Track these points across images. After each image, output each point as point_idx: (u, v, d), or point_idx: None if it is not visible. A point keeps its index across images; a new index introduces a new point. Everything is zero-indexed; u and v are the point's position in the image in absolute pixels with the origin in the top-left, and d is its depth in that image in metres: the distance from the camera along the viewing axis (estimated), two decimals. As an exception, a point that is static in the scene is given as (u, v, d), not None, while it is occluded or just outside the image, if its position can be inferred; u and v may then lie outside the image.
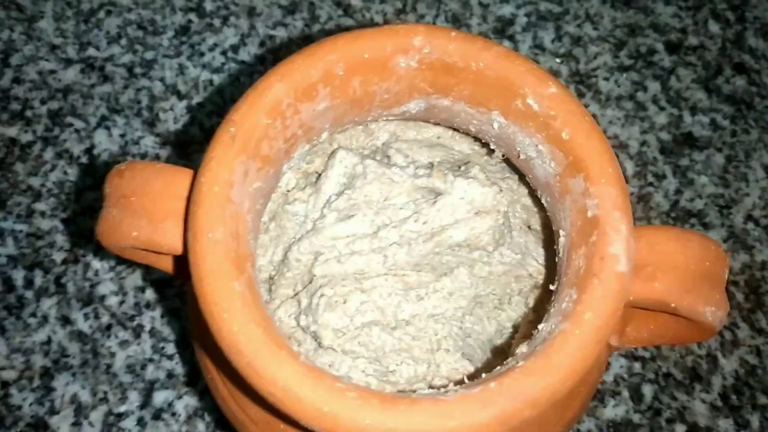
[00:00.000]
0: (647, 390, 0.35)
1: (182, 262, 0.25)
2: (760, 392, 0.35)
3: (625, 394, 0.35)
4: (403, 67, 0.23)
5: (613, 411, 0.35)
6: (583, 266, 0.20)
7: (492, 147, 0.26)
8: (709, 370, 0.36)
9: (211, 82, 0.41)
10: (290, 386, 0.18)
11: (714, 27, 0.44)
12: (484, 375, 0.20)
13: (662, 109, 0.42)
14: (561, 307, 0.20)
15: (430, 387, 0.23)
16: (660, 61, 0.43)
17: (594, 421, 0.35)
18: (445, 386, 0.20)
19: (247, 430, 0.24)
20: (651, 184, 0.40)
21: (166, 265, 0.25)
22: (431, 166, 0.28)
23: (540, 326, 0.21)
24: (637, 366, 0.36)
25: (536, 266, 0.28)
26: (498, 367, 0.20)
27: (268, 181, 0.23)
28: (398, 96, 0.24)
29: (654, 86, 0.42)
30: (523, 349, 0.20)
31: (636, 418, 0.35)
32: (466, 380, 0.20)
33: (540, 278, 0.27)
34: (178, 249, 0.21)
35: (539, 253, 0.28)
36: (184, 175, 0.21)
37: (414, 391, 0.20)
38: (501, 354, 0.27)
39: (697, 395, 0.35)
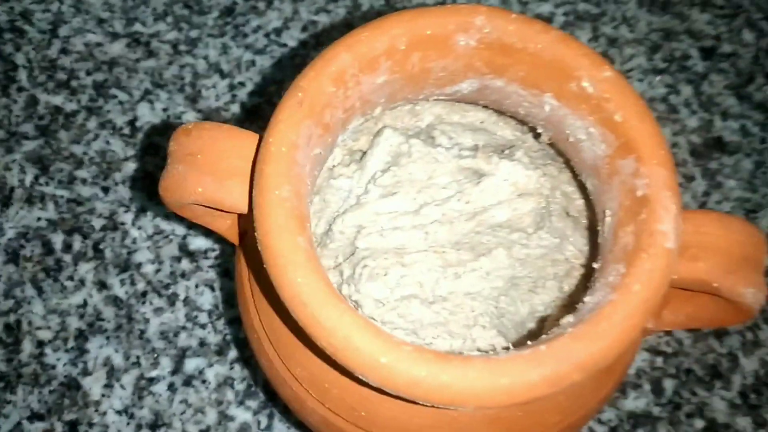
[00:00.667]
0: (668, 384, 0.36)
1: (242, 221, 0.26)
2: (780, 393, 0.36)
3: (647, 387, 0.36)
4: (462, 45, 0.23)
5: (634, 403, 0.36)
6: (631, 243, 0.21)
7: (539, 131, 0.27)
8: (729, 368, 0.36)
9: (253, 62, 0.42)
10: (350, 336, 0.18)
11: (748, 36, 0.45)
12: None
13: (694, 112, 0.42)
14: (608, 280, 0.21)
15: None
16: (693, 66, 0.44)
17: (615, 412, 0.35)
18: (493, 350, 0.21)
19: (289, 389, 0.24)
20: (680, 185, 0.40)
21: (221, 225, 0.26)
22: (475, 148, 0.29)
23: (585, 299, 0.21)
24: (659, 360, 0.36)
25: (573, 251, 0.28)
26: (544, 335, 0.21)
27: (326, 150, 0.24)
28: (453, 74, 0.25)
29: (686, 90, 0.43)
30: (569, 319, 0.21)
31: (656, 411, 0.36)
32: (511, 347, 0.21)
33: (576, 263, 0.28)
34: (241, 207, 0.22)
35: (576, 238, 0.29)
36: (250, 137, 0.22)
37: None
38: (532, 337, 0.27)
39: (717, 392, 0.36)
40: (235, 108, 0.41)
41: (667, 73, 0.43)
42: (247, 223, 0.24)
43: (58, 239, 0.38)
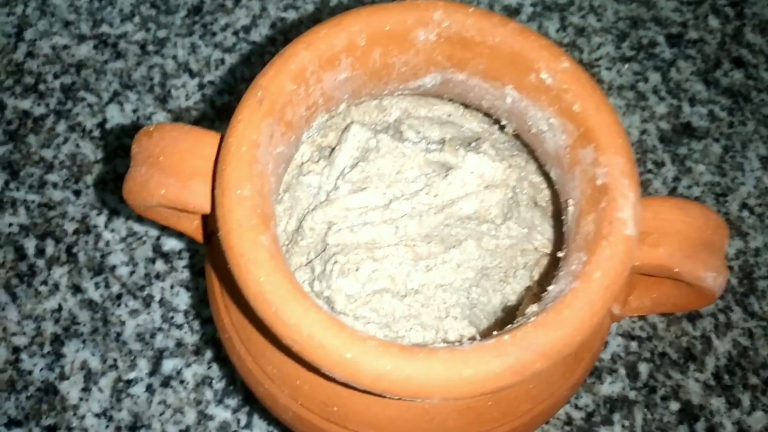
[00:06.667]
0: (643, 368, 0.37)
1: (206, 221, 0.26)
2: (752, 373, 0.37)
3: (622, 371, 0.36)
4: (422, 40, 0.24)
5: (609, 387, 0.36)
6: (592, 231, 0.21)
7: (503, 123, 0.27)
8: (703, 350, 0.37)
9: (222, 61, 0.42)
10: (314, 333, 0.19)
11: (714, 22, 0.45)
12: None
13: (662, 99, 0.43)
14: (570, 269, 0.21)
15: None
16: (661, 53, 0.44)
17: (591, 397, 0.36)
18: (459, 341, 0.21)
19: (262, 387, 0.25)
20: (650, 171, 0.41)
21: (188, 226, 0.26)
22: (443, 141, 0.29)
23: (549, 288, 0.21)
24: (633, 345, 0.37)
25: (542, 240, 0.29)
26: (509, 325, 0.21)
27: (290, 147, 0.24)
28: (415, 69, 0.25)
29: (655, 77, 0.43)
30: (533, 308, 0.21)
31: (632, 395, 0.36)
32: (478, 337, 0.21)
33: (545, 252, 0.28)
34: (204, 207, 0.22)
35: (545, 227, 0.29)
36: (211, 136, 0.22)
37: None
38: (505, 325, 0.28)
39: (691, 374, 0.37)
40: (206, 107, 0.41)
41: (635, 60, 0.44)
42: (212, 223, 0.24)
43: (30, 244, 0.38)
